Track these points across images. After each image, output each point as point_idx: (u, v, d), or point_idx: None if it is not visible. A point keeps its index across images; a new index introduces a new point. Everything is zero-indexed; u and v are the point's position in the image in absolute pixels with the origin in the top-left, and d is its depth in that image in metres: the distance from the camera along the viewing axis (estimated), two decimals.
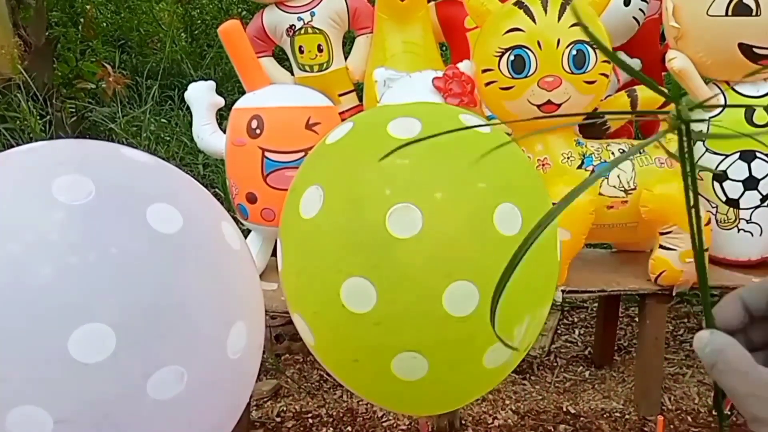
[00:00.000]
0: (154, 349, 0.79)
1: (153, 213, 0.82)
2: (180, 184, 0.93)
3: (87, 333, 0.73)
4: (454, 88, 1.63)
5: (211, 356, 0.86)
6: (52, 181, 0.78)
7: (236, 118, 1.59)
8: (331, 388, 1.86)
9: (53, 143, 0.95)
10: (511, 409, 1.73)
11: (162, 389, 0.79)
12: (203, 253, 0.88)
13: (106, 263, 0.76)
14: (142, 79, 3.61)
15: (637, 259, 1.78)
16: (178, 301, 0.81)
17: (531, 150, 1.62)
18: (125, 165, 0.89)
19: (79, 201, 0.77)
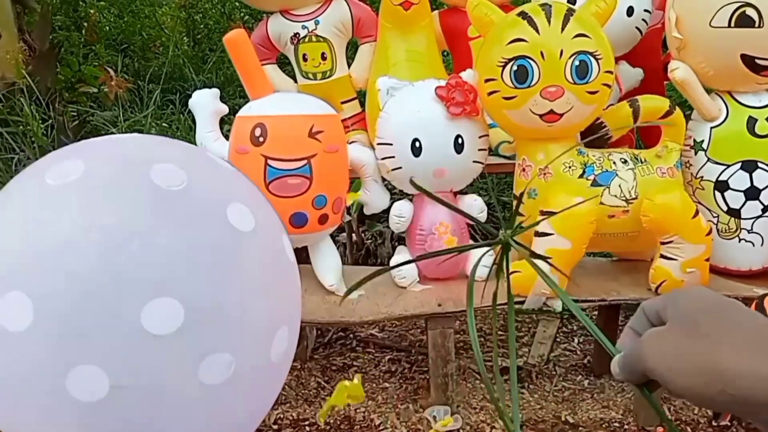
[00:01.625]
0: (214, 333, 0.84)
1: (232, 210, 0.87)
2: (253, 191, 0.99)
3: (160, 306, 0.77)
4: (457, 97, 1.64)
5: (257, 353, 0.91)
6: (151, 166, 0.83)
7: (240, 125, 1.59)
8: (329, 395, 1.86)
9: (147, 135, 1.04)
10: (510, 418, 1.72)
11: (211, 373, 0.83)
12: (268, 256, 0.93)
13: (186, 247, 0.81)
14: (144, 83, 3.62)
15: (637, 268, 1.78)
16: (240, 295, 0.86)
17: (533, 159, 1.63)
18: (210, 164, 0.94)
19: (173, 187, 0.82)
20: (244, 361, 0.86)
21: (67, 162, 0.85)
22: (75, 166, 0.83)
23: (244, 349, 0.86)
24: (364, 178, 1.73)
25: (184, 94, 3.71)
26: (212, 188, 0.90)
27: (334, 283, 1.67)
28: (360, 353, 2.09)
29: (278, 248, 0.97)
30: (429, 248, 1.69)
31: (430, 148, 1.63)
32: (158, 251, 0.79)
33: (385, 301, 1.64)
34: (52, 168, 0.84)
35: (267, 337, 0.91)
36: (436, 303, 1.61)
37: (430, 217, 1.70)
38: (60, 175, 0.82)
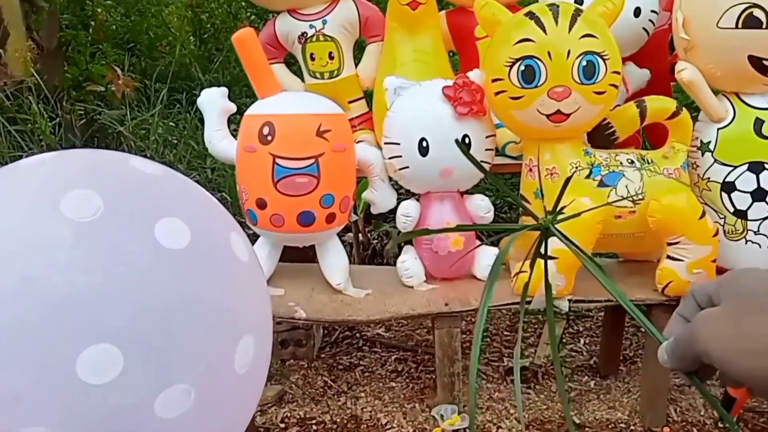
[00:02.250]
0: (162, 367, 0.77)
1: (161, 228, 0.80)
2: (189, 197, 0.92)
3: (95, 353, 0.72)
4: (464, 96, 1.64)
5: (218, 372, 0.85)
6: (60, 197, 0.77)
7: (248, 124, 1.60)
8: (336, 394, 1.87)
9: (62, 154, 0.94)
10: (516, 418, 1.73)
11: (169, 408, 0.78)
12: (211, 268, 0.86)
13: (114, 282, 0.75)
14: (151, 82, 3.64)
15: (643, 269, 1.78)
16: (185, 319, 0.80)
17: (540, 159, 1.63)
18: (134, 177, 0.87)
19: (87, 218, 0.76)
20: (204, 385, 0.81)
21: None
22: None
23: (200, 373, 0.81)
24: (371, 177, 1.74)
25: (191, 93, 3.73)
26: (134, 208, 0.81)
27: (342, 282, 1.68)
28: (366, 353, 2.10)
29: (225, 255, 0.89)
30: (436, 248, 1.70)
31: (437, 147, 1.63)
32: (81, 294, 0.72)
33: (392, 300, 1.65)
34: None
35: (227, 353, 0.85)
36: (443, 302, 1.62)
37: (437, 217, 1.71)
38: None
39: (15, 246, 0.75)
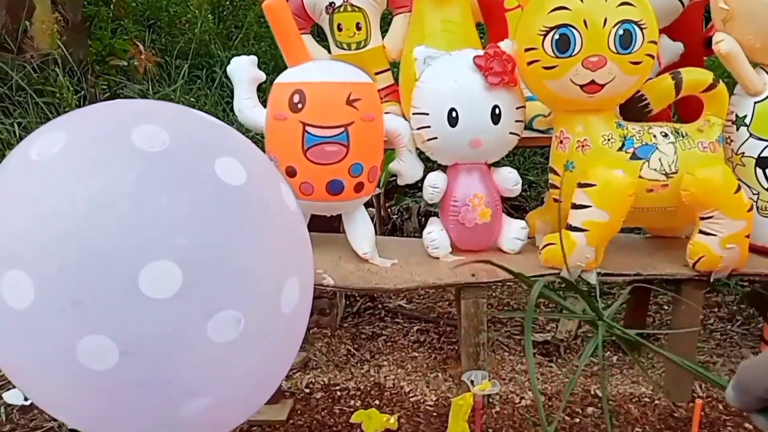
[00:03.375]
0: (216, 291, 0.82)
1: (221, 165, 0.85)
2: (244, 144, 0.97)
3: (156, 269, 0.77)
4: (495, 66, 1.62)
5: (265, 306, 0.90)
6: (131, 128, 0.82)
7: (278, 92, 1.60)
8: (359, 362, 1.89)
9: (128, 100, 1.00)
10: (539, 390, 1.73)
11: (220, 331, 0.82)
12: (264, 208, 0.91)
13: (177, 206, 0.80)
14: (171, 58, 3.66)
15: (672, 244, 1.77)
16: (240, 250, 0.85)
17: (571, 131, 1.61)
18: (195, 120, 0.93)
19: (154, 148, 0.81)
20: (252, 316, 0.86)
21: (48, 135, 0.85)
22: (56, 139, 0.83)
23: (251, 303, 0.86)
24: (398, 148, 1.73)
25: (211, 70, 3.74)
26: (197, 145, 0.88)
27: (368, 251, 1.69)
28: (389, 323, 2.11)
29: (276, 199, 0.95)
30: (462, 219, 1.69)
31: (466, 118, 1.62)
32: (147, 213, 0.78)
33: (418, 270, 1.65)
34: (36, 143, 0.84)
35: (275, 290, 0.90)
36: (470, 273, 1.62)
37: (465, 189, 1.70)
38: (43, 150, 0.82)
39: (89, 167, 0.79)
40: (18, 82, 2.85)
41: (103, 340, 0.76)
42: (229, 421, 0.99)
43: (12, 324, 0.78)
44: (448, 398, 1.69)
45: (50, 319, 0.76)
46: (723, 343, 1.98)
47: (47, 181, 0.79)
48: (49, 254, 0.75)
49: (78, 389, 0.80)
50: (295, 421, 1.60)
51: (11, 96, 2.88)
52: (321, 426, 1.58)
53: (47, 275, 0.75)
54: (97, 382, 0.79)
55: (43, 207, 0.77)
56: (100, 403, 0.82)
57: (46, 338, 0.77)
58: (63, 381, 0.80)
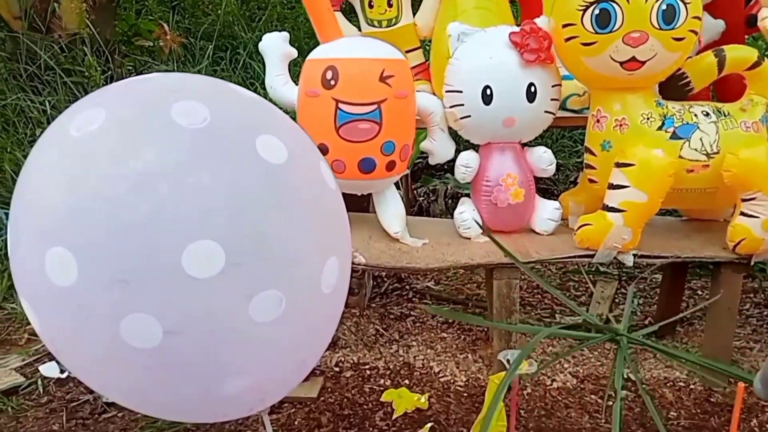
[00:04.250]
0: (258, 271, 0.81)
1: (261, 143, 0.83)
2: (283, 122, 0.95)
3: (199, 249, 0.76)
4: (531, 43, 1.59)
5: (306, 287, 0.89)
6: (171, 105, 0.80)
7: (310, 68, 1.58)
8: (387, 342, 1.89)
9: (167, 74, 0.98)
10: (570, 372, 1.72)
11: (262, 312, 0.82)
12: (305, 187, 0.90)
13: (220, 185, 0.79)
14: (195, 40, 3.66)
15: (710, 226, 1.73)
16: (281, 229, 0.84)
17: (609, 110, 1.58)
18: (235, 96, 0.91)
19: (195, 125, 0.79)
20: (294, 296, 0.85)
21: (88, 111, 0.83)
22: (96, 115, 0.81)
23: (292, 283, 0.85)
24: (430, 126, 1.71)
25: (234, 51, 3.74)
26: (237, 122, 0.86)
27: (399, 230, 1.68)
28: (417, 304, 2.11)
29: (316, 177, 0.94)
30: (495, 200, 1.67)
31: (501, 95, 1.59)
32: (189, 193, 0.77)
33: (449, 250, 1.64)
34: (75, 119, 0.83)
35: (316, 270, 0.89)
36: (503, 253, 1.59)
37: (498, 168, 1.68)
38: (83, 126, 0.81)
39: (130, 145, 0.78)
40: (47, 62, 2.88)
41: (146, 319, 0.76)
42: (267, 398, 1.00)
43: (56, 301, 0.78)
44: (479, 379, 1.69)
45: (94, 297, 0.76)
46: (759, 329, 1.94)
47: (88, 159, 0.78)
48: (92, 233, 0.75)
49: (121, 366, 0.81)
50: (325, 398, 1.61)
51: (40, 75, 2.91)
52: (351, 404, 1.59)
53: (90, 254, 0.75)
54: (141, 360, 0.79)
55: (85, 185, 0.77)
56: (142, 380, 0.82)
57: (90, 316, 0.77)
58: (106, 358, 0.80)
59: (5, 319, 1.98)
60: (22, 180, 0.84)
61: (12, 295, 2.05)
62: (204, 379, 0.83)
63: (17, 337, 1.90)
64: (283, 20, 4.17)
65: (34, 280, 0.78)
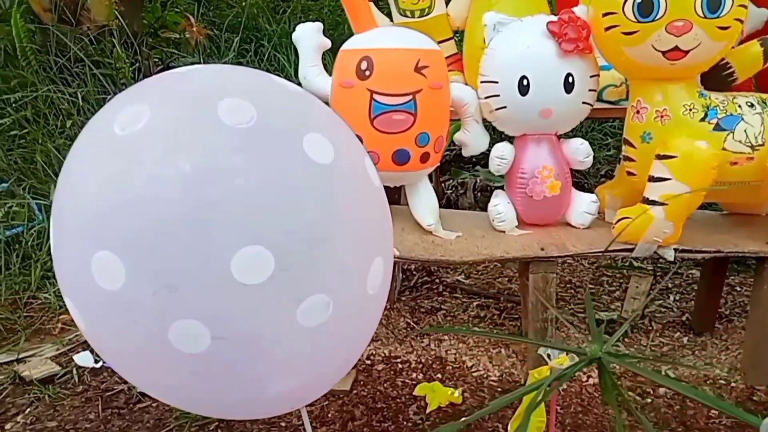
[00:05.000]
0: (307, 276, 0.79)
1: (309, 142, 0.81)
2: (329, 117, 0.93)
3: (249, 255, 0.74)
4: (570, 33, 1.55)
5: (353, 289, 0.87)
6: (217, 103, 0.78)
7: (344, 59, 1.57)
8: (418, 336, 1.88)
9: (210, 66, 0.96)
10: None
11: (310, 316, 0.80)
12: (352, 187, 0.87)
13: (269, 188, 0.77)
14: (220, 32, 3.67)
15: (752, 221, 1.69)
16: (329, 232, 0.81)
17: (650, 100, 1.54)
18: (280, 92, 0.89)
19: (242, 125, 0.78)
20: (341, 300, 0.83)
21: (132, 108, 0.81)
22: (141, 112, 0.79)
23: (339, 287, 0.83)
24: (464, 118, 1.69)
25: (259, 43, 3.75)
26: (284, 120, 0.83)
27: (433, 222, 1.66)
28: (447, 298, 2.09)
29: (362, 176, 0.91)
30: (531, 192, 1.64)
31: (538, 86, 1.56)
32: (238, 196, 0.75)
33: (484, 243, 1.62)
34: (119, 116, 0.80)
35: (362, 272, 0.87)
36: (539, 247, 1.57)
37: (533, 160, 1.65)
38: (128, 124, 0.78)
39: (178, 146, 0.76)
40: (76, 54, 2.90)
41: (195, 325, 0.74)
42: (310, 396, 0.99)
43: (103, 305, 0.77)
44: (513, 374, 1.67)
45: (142, 302, 0.74)
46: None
47: (135, 160, 0.76)
48: (139, 237, 0.73)
49: (168, 370, 0.80)
50: (358, 391, 1.60)
51: (70, 67, 2.94)
52: (384, 397, 1.58)
53: (138, 258, 0.73)
54: (188, 365, 0.78)
55: (131, 187, 0.74)
56: (190, 383, 0.82)
57: (137, 320, 0.76)
58: (153, 361, 0.79)
59: (39, 309, 2.01)
60: (65, 178, 0.82)
61: (45, 285, 2.08)
62: (249, 382, 0.82)
63: (51, 326, 1.93)
64: (307, 12, 4.16)
65: (80, 283, 0.77)
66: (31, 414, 1.50)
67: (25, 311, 1.95)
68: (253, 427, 1.45)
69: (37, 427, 1.45)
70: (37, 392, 1.57)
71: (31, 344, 1.80)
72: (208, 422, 1.47)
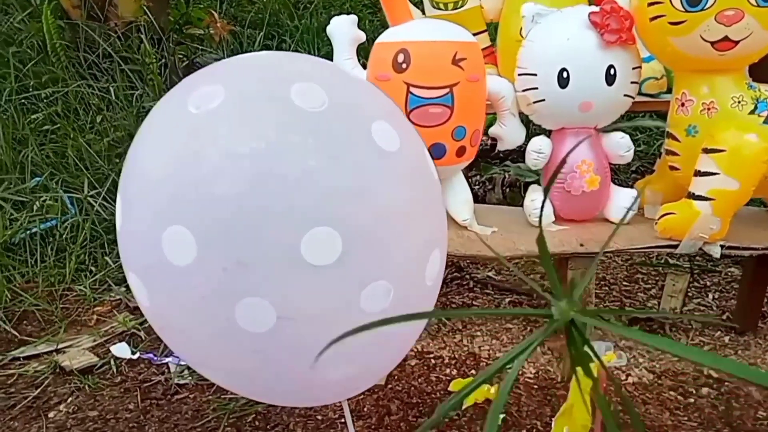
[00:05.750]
0: (372, 261, 0.79)
1: (377, 128, 0.82)
2: (393, 107, 0.93)
3: (318, 236, 0.74)
4: (612, 24, 1.51)
5: (413, 279, 0.87)
6: (290, 86, 0.78)
7: (380, 52, 1.55)
8: (451, 332, 1.85)
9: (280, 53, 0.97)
10: (645, 367, 1.65)
11: (372, 302, 0.79)
12: (416, 176, 0.88)
13: (339, 171, 0.77)
14: (243, 28, 3.69)
15: None
16: (396, 219, 0.81)
17: (695, 93, 1.49)
18: (348, 79, 0.89)
19: (315, 108, 0.78)
20: (401, 288, 0.83)
21: (206, 88, 0.82)
22: (215, 92, 0.79)
23: (400, 275, 0.83)
24: (500, 111, 1.66)
25: (280, 39, 3.76)
26: (354, 107, 0.84)
27: (468, 218, 1.63)
28: (478, 294, 2.06)
29: (425, 166, 0.92)
30: (569, 187, 1.61)
31: (578, 78, 1.52)
32: (310, 177, 0.75)
33: (521, 239, 1.59)
34: (193, 95, 0.81)
35: (422, 262, 0.87)
36: (578, 243, 1.54)
37: (572, 155, 1.61)
38: (202, 103, 0.79)
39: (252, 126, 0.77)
40: (104, 50, 2.93)
41: (262, 304, 0.74)
42: (359, 386, 0.98)
43: (171, 279, 0.77)
44: (549, 371, 1.64)
45: (212, 278, 0.74)
46: None
47: (209, 138, 0.76)
48: (212, 212, 0.73)
49: (230, 348, 0.80)
50: (393, 386, 1.59)
51: (98, 63, 2.97)
52: (419, 392, 1.56)
53: (210, 234, 0.73)
54: (252, 344, 0.78)
55: (205, 165, 0.75)
56: (250, 363, 0.81)
57: (205, 296, 0.76)
58: (216, 339, 0.79)
59: (74, 301, 2.03)
60: (134, 155, 0.83)
61: (80, 278, 2.10)
62: (306, 366, 0.81)
63: (86, 318, 1.94)
64: (329, 8, 4.15)
65: (149, 257, 0.77)
66: (73, 403, 1.51)
67: (61, 303, 1.97)
68: (290, 420, 1.45)
69: (79, 416, 1.46)
70: (77, 382, 1.59)
71: (68, 335, 1.82)
72: (246, 414, 1.46)
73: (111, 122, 2.64)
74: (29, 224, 2.16)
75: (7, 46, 2.80)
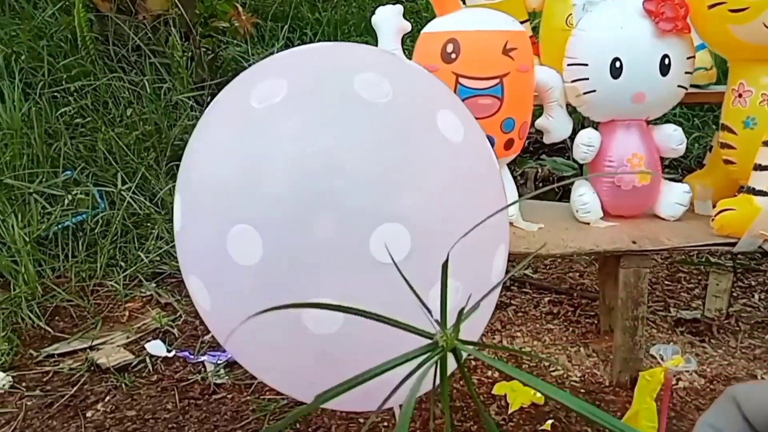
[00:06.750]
0: (440, 258, 0.74)
1: (441, 119, 0.78)
2: (454, 97, 0.89)
3: (387, 232, 0.71)
4: (667, 12, 1.46)
5: (480, 276, 0.82)
6: (353, 77, 0.74)
7: (427, 42, 1.50)
8: (489, 332, 1.81)
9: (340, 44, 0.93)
10: (696, 372, 1.59)
11: None
12: (480, 167, 0.83)
13: (407, 164, 0.73)
14: (265, 21, 3.68)
15: None
16: (464, 214, 0.77)
17: (754, 83, 1.43)
18: (410, 69, 0.85)
19: (380, 100, 0.74)
20: (469, 286, 0.77)
21: (268, 82, 0.79)
22: (278, 86, 0.77)
23: (469, 273, 0.78)
24: (547, 102, 1.60)
25: (302, 32, 3.74)
26: (418, 97, 0.81)
27: (513, 213, 1.58)
28: (516, 293, 2.01)
29: (488, 156, 0.89)
30: (619, 182, 1.55)
31: (632, 68, 1.47)
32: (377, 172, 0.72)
33: (569, 235, 1.53)
34: (256, 89, 0.78)
35: (489, 257, 0.84)
36: (630, 240, 1.49)
37: (622, 147, 1.56)
38: (265, 97, 0.76)
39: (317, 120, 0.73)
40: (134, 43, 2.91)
41: None
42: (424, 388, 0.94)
43: (236, 280, 0.73)
44: (595, 374, 1.59)
45: (279, 278, 0.71)
46: None
47: (274, 134, 0.73)
48: (279, 210, 0.70)
49: (294, 350, 0.76)
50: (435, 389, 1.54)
51: (128, 56, 2.95)
52: (462, 395, 1.52)
53: (277, 233, 0.70)
54: (316, 345, 0.74)
55: (271, 161, 0.72)
56: (311, 365, 0.77)
57: (272, 297, 0.72)
58: (281, 340, 0.75)
59: (105, 296, 2.01)
60: (195, 150, 0.79)
61: (111, 273, 2.08)
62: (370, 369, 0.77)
63: (118, 314, 1.92)
64: (350, 1, 4.13)
65: (213, 258, 0.74)
66: (110, 403, 1.48)
67: (92, 299, 1.95)
68: (331, 423, 1.41)
69: (117, 415, 1.44)
70: (114, 380, 1.56)
71: (101, 332, 1.80)
72: (286, 415, 1.43)
73: (140, 115, 2.62)
74: (62, 218, 2.14)
75: (39, 39, 2.78)
